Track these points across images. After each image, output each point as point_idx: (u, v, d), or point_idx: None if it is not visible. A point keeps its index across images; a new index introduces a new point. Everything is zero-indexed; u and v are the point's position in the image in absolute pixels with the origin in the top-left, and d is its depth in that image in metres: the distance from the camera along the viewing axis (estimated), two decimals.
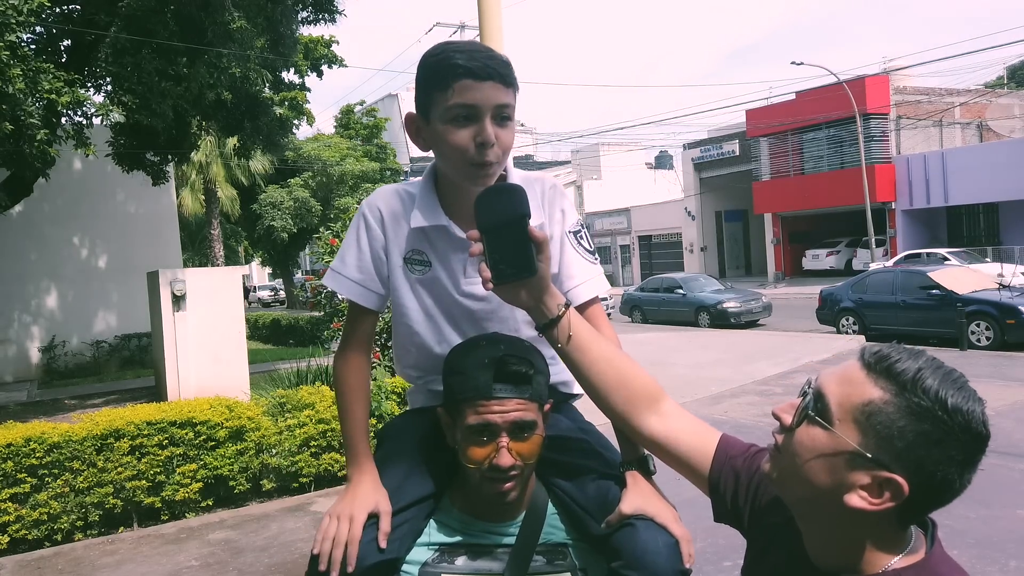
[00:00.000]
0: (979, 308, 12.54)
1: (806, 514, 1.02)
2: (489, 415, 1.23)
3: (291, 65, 14.17)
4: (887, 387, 0.92)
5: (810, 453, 0.96)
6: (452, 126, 1.27)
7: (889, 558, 0.96)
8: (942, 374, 0.91)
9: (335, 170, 29.80)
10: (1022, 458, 6.14)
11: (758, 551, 1.15)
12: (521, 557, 1.31)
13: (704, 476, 1.23)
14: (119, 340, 15.70)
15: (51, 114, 8.58)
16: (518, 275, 1.20)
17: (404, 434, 1.47)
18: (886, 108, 27.50)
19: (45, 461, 5.45)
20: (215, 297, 9.53)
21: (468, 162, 1.28)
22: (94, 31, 9.81)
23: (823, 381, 0.99)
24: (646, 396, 1.26)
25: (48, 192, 13.43)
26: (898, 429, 0.89)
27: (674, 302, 20.59)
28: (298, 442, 6.26)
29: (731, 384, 10.24)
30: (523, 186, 1.29)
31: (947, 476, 0.90)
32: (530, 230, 1.18)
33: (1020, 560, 4.28)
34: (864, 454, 0.91)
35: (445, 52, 1.27)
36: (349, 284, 1.43)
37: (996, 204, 26.06)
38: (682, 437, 1.25)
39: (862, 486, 0.92)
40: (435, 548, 1.34)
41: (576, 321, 1.24)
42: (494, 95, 1.26)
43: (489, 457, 1.24)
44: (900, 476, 0.90)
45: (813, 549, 1.03)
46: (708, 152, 35.83)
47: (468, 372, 1.25)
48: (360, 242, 1.43)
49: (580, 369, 1.25)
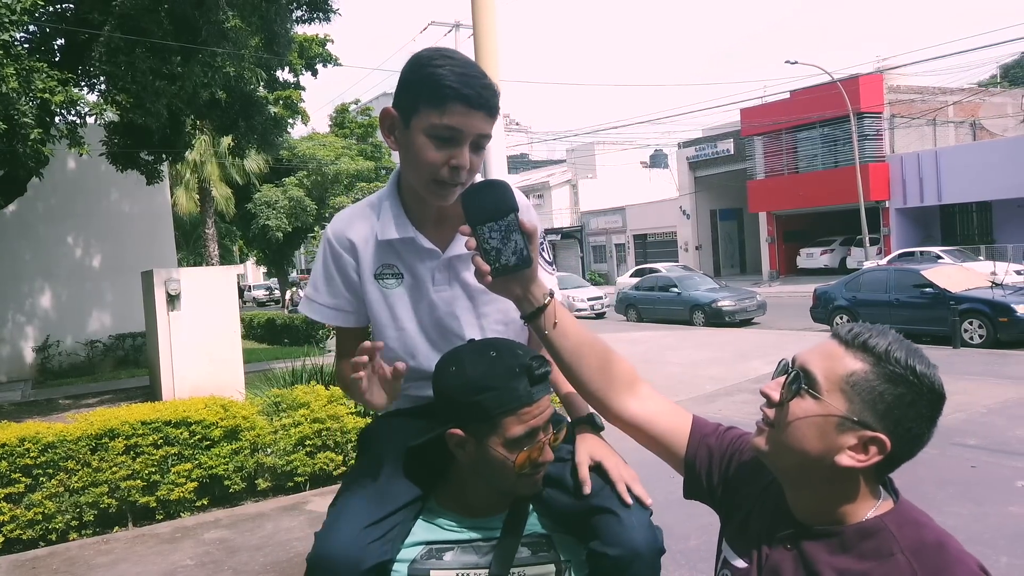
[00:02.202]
0: (972, 306, 12.58)
1: (796, 479, 1.13)
2: (533, 421, 1.26)
3: (286, 64, 14.17)
4: (865, 359, 1.06)
5: (802, 422, 1.08)
6: (432, 142, 1.29)
7: (867, 509, 1.10)
8: (906, 346, 1.06)
9: (330, 169, 29.76)
10: (1013, 455, 6.17)
11: (741, 520, 1.24)
12: (506, 550, 1.33)
13: (680, 456, 1.33)
14: (113, 340, 15.68)
15: (45, 113, 8.57)
16: (514, 268, 1.23)
17: (387, 439, 1.47)
18: (880, 107, 27.57)
19: (40, 461, 5.44)
20: (210, 296, 9.52)
21: (435, 179, 1.31)
22: (88, 30, 9.78)
23: (805, 358, 1.11)
24: (624, 380, 1.35)
25: (42, 191, 13.40)
26: (879, 394, 1.04)
27: (669, 301, 20.62)
28: (293, 441, 6.26)
29: (726, 382, 10.27)
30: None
31: (919, 430, 1.06)
32: (521, 222, 1.22)
33: (1011, 557, 4.30)
34: (851, 418, 1.05)
35: (442, 68, 1.27)
36: (323, 310, 1.49)
37: (989, 203, 26.16)
38: (659, 419, 1.34)
39: (850, 447, 1.06)
40: (423, 546, 1.35)
41: (559, 309, 1.30)
42: (479, 125, 1.29)
43: (532, 458, 1.27)
44: (883, 434, 1.04)
45: (801, 510, 1.14)
46: (703, 151, 35.87)
47: (503, 386, 1.25)
48: (328, 269, 1.47)
49: (563, 354, 1.31)
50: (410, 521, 1.37)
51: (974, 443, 6.56)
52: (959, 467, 5.98)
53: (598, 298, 24.04)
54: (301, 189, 29.83)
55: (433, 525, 1.38)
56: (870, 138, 27.60)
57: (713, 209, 37.22)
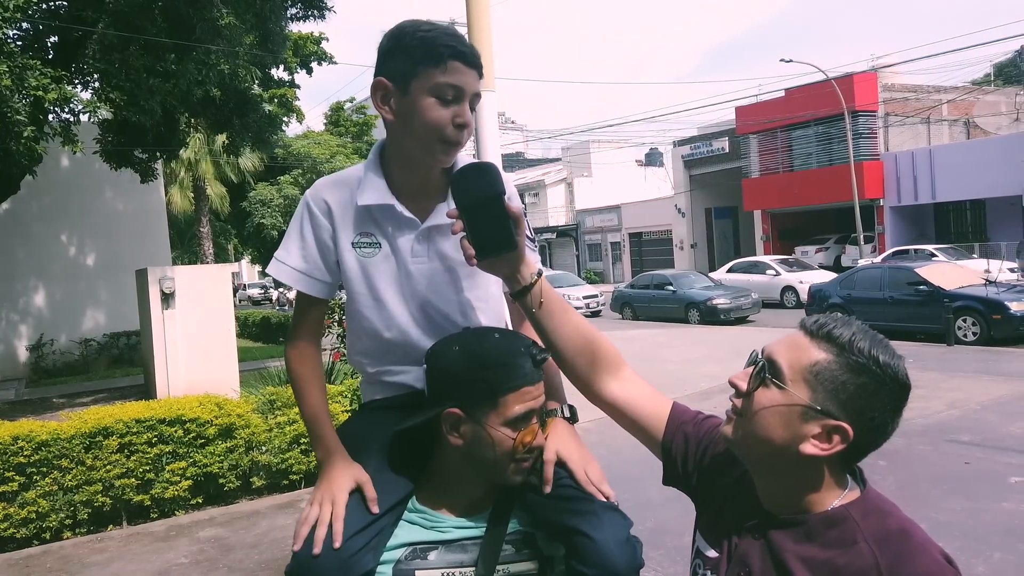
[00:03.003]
0: (966, 304, 12.64)
1: (763, 468, 1.15)
2: (532, 401, 1.29)
3: (280, 62, 14.11)
4: (829, 349, 1.07)
5: (767, 411, 1.10)
6: (437, 102, 1.30)
7: (833, 498, 1.11)
8: (871, 336, 1.07)
9: (325, 167, 29.60)
10: (1007, 452, 6.20)
11: (715, 511, 1.25)
12: (491, 547, 1.32)
13: (658, 441, 1.34)
14: (108, 338, 15.62)
15: (38, 111, 8.53)
16: (499, 250, 1.24)
17: (365, 438, 1.44)
18: (874, 105, 27.62)
19: (33, 459, 5.43)
20: (204, 295, 9.50)
21: (442, 139, 1.32)
22: (81, 27, 9.74)
23: (772, 349, 1.13)
24: (608, 362, 1.36)
25: (36, 190, 13.34)
26: (841, 383, 1.05)
27: (664, 299, 20.65)
28: (288, 439, 6.25)
29: (720, 380, 10.27)
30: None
31: (883, 420, 1.06)
32: (507, 206, 1.22)
33: (1004, 552, 4.32)
34: (815, 407, 1.06)
35: (431, 32, 1.32)
36: (292, 272, 1.43)
37: (983, 201, 26.24)
38: (639, 402, 1.36)
39: (814, 436, 1.07)
40: (406, 547, 1.33)
41: (547, 288, 1.31)
42: (474, 83, 1.33)
43: (525, 440, 1.28)
44: (845, 423, 1.05)
45: (769, 499, 1.15)
46: (698, 149, 35.90)
47: (512, 363, 1.28)
48: (304, 231, 1.43)
49: (548, 333, 1.32)
50: (393, 524, 1.35)
51: (968, 439, 6.58)
52: (953, 463, 6.00)
53: (593, 296, 24.07)
54: (296, 187, 29.73)
55: (415, 525, 1.36)
56: (864, 136, 27.66)
57: (708, 207, 37.25)
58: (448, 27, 1.35)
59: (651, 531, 4.39)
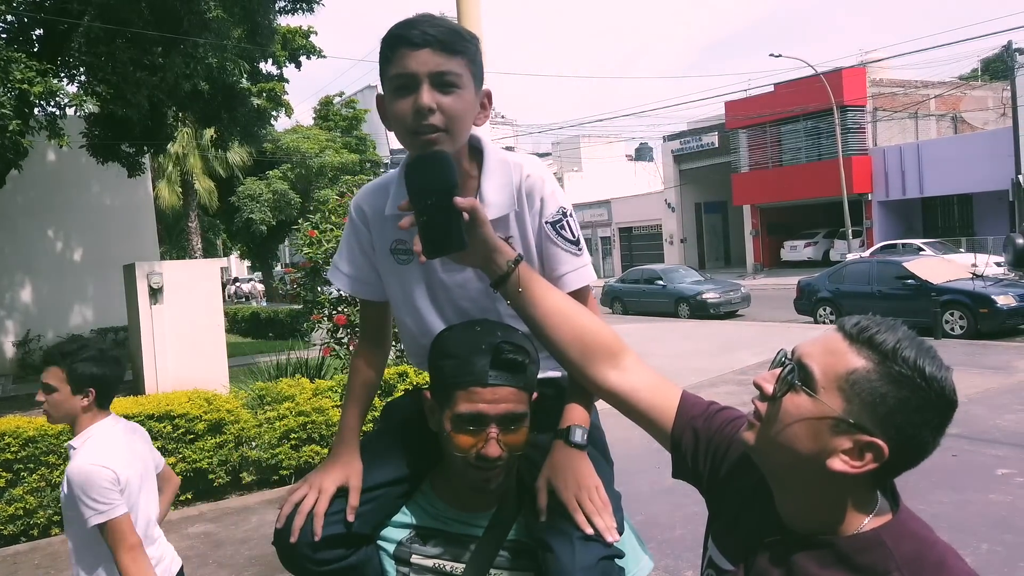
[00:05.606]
0: (953, 297, 12.73)
1: (785, 480, 1.05)
2: (482, 404, 1.21)
3: (269, 55, 13.99)
4: (870, 356, 0.96)
5: (795, 421, 1.00)
6: (395, 97, 1.23)
7: (862, 519, 1.01)
8: (917, 344, 0.97)
9: (314, 162, 29.57)
10: (993, 444, 6.25)
11: (731, 517, 1.17)
12: (485, 550, 1.30)
13: (667, 433, 1.26)
14: (95, 334, 15.52)
15: (23, 104, 8.44)
16: (447, 249, 1.18)
17: (393, 415, 1.50)
18: (863, 100, 27.76)
19: (20, 456, 5.39)
20: (193, 290, 9.44)
21: (408, 131, 1.23)
22: (67, 20, 9.64)
23: (804, 351, 1.02)
24: (604, 350, 1.29)
25: (21, 184, 13.22)
26: (880, 396, 0.95)
27: (654, 293, 20.69)
28: (278, 435, 6.23)
29: (710, 374, 10.32)
30: (498, 170, 1.31)
31: (923, 439, 0.96)
32: (455, 201, 1.16)
33: (992, 543, 4.36)
34: (848, 420, 0.96)
35: (397, 24, 1.25)
36: (343, 277, 1.48)
37: (970, 195, 26.42)
38: (643, 393, 1.28)
39: (844, 451, 0.97)
40: (412, 529, 1.35)
41: (527, 276, 1.26)
42: (431, 61, 1.20)
43: (477, 446, 1.22)
44: (881, 440, 0.95)
45: (789, 514, 1.06)
46: (688, 144, 35.99)
47: (463, 356, 1.23)
48: (348, 240, 1.47)
49: (535, 322, 1.28)
50: (393, 501, 1.37)
51: (955, 432, 6.62)
52: (940, 456, 6.00)
53: None
54: (285, 182, 29.65)
55: (423, 510, 1.37)
56: (853, 131, 27.80)
57: (698, 202, 37.38)
58: (419, 15, 1.26)
59: (641, 524, 4.41)
